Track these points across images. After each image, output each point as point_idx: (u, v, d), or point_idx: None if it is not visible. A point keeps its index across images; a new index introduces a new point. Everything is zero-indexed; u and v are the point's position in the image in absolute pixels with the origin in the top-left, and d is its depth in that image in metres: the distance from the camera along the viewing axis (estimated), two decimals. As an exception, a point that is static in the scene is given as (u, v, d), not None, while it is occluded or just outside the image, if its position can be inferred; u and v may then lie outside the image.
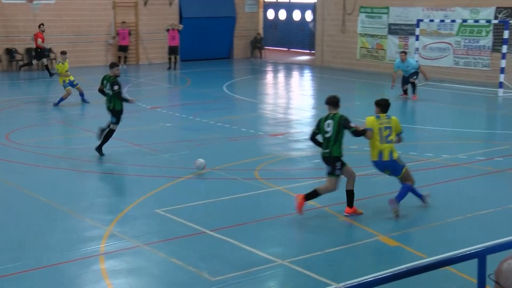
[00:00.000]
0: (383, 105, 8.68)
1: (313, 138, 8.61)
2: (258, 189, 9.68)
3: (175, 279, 6.70)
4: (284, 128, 14.42)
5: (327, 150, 8.36)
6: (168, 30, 25.07)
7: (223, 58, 28.64)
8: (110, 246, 7.49)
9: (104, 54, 25.87)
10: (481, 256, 4.08)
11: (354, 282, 3.37)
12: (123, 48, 25.61)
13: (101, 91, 11.78)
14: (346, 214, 8.39)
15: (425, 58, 22.10)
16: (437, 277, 6.46)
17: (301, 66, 26.76)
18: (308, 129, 14.35)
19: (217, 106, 16.99)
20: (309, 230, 8.09)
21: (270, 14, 32.01)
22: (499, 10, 20.66)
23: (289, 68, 26.50)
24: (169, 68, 25.00)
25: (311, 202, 8.74)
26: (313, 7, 29.02)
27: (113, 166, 11.08)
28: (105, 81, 11.65)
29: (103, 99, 11.94)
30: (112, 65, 11.86)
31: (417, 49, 21.17)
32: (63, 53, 17.14)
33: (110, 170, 10.82)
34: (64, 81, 16.88)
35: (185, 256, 7.16)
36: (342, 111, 8.54)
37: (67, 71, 16.87)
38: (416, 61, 18.70)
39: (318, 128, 8.48)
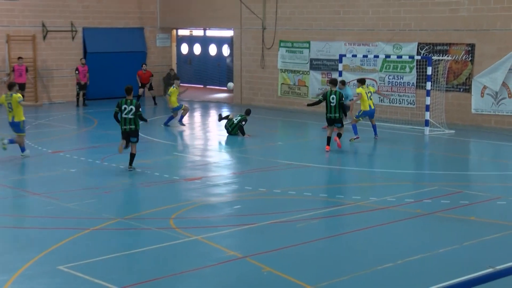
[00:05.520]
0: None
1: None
2: (174, 239, 9.57)
3: None
4: (202, 172, 14.41)
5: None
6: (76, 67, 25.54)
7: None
8: (5, 310, 7.16)
9: (-3, 92, 25.14)
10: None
11: None
12: (20, 86, 24.93)
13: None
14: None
15: (349, 95, 22.79)
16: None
17: (219, 104, 26.97)
18: (227, 173, 14.43)
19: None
20: (231, 282, 8.05)
21: (184, 48, 32.24)
22: (421, 46, 21.72)
23: (206, 106, 26.64)
24: (78, 105, 25.60)
25: (231, 252, 8.71)
26: (230, 41, 29.48)
27: (8, 219, 10.67)
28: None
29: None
30: None
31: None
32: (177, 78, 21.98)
33: (4, 224, 10.41)
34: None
35: (93, 318, 6.94)
36: (263, 152, 8.64)
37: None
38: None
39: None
